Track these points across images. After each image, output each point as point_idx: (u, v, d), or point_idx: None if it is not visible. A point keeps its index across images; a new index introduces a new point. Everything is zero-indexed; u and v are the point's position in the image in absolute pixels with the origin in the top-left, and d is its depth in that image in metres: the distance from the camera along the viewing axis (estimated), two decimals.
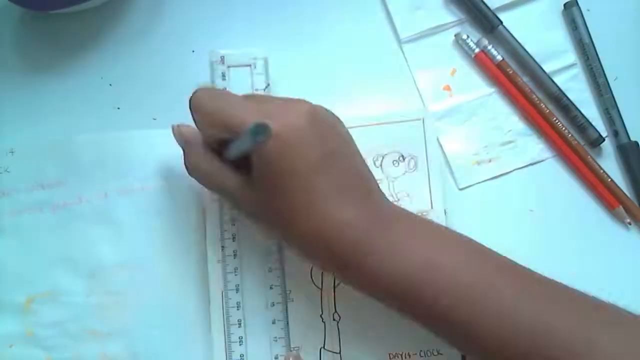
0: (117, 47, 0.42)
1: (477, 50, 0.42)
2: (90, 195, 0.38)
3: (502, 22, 0.42)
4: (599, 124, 0.41)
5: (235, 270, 0.37)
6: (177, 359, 0.37)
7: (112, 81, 0.42)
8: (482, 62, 0.42)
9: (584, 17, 0.42)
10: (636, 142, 0.41)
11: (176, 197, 0.38)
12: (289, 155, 0.30)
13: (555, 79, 0.42)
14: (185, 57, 0.42)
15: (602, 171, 0.40)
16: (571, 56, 0.42)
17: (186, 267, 0.38)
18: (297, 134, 0.30)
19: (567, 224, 0.40)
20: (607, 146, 0.41)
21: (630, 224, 0.40)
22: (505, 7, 0.42)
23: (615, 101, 0.41)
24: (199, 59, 0.42)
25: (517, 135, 0.41)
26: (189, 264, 0.38)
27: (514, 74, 0.41)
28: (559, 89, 0.41)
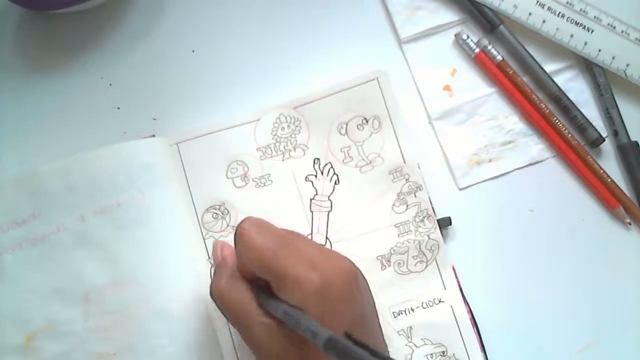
0: (117, 47, 0.42)
1: (477, 50, 0.42)
2: (67, 222, 0.38)
3: (502, 22, 0.42)
4: (599, 124, 0.41)
5: None
6: None
7: (112, 81, 0.42)
8: (482, 62, 0.42)
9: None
10: (636, 142, 0.41)
11: (153, 204, 0.38)
12: (327, 312, 0.28)
13: (555, 79, 0.42)
14: (185, 57, 0.42)
15: (602, 171, 0.40)
16: (571, 56, 0.42)
17: (179, 269, 0.38)
18: (338, 292, 0.29)
19: (567, 224, 0.40)
20: (607, 146, 0.41)
21: (630, 224, 0.40)
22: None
23: (615, 101, 0.41)
24: (199, 59, 0.42)
25: (517, 135, 0.41)
26: (181, 265, 0.38)
27: (514, 74, 0.41)
28: (559, 89, 0.41)
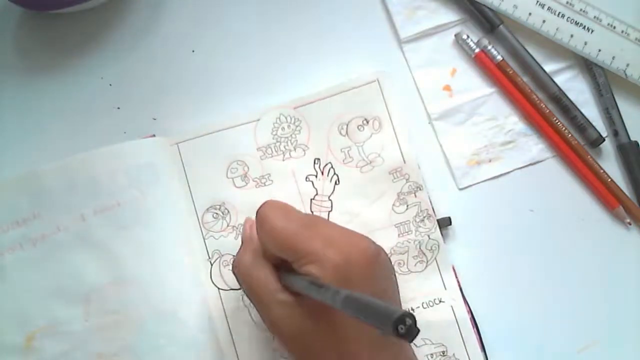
0: (117, 47, 0.42)
1: (477, 50, 0.41)
2: (67, 222, 0.38)
3: (502, 22, 0.42)
4: (599, 124, 0.41)
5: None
6: None
7: (112, 81, 0.42)
8: (482, 62, 0.42)
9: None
10: (636, 142, 0.41)
11: (153, 204, 0.38)
12: (348, 287, 0.28)
13: (555, 79, 0.41)
14: (185, 57, 0.42)
15: (602, 171, 0.40)
16: (571, 56, 0.42)
17: (179, 269, 0.38)
18: (358, 272, 0.29)
19: (567, 224, 0.40)
20: (607, 146, 0.41)
21: (630, 224, 0.40)
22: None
23: (615, 101, 0.41)
24: (199, 59, 0.42)
25: (517, 135, 0.41)
26: (181, 265, 0.38)
27: (514, 74, 0.41)
28: (559, 89, 0.41)
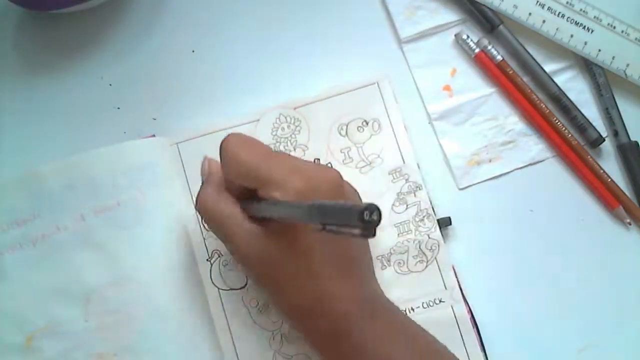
0: (117, 47, 0.42)
1: (477, 50, 0.41)
2: (67, 221, 0.38)
3: (502, 22, 0.42)
4: (599, 124, 0.41)
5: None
6: None
7: (112, 81, 0.42)
8: (482, 62, 0.42)
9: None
10: (636, 142, 0.41)
11: (153, 203, 0.38)
12: None
13: (555, 79, 0.41)
14: (185, 57, 0.42)
15: (602, 171, 0.40)
16: (571, 56, 0.42)
17: (178, 270, 0.38)
18: (322, 199, 0.29)
19: (567, 224, 0.40)
20: (607, 146, 0.41)
21: (630, 224, 0.40)
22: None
23: (615, 101, 0.41)
24: (199, 59, 0.42)
25: (517, 135, 0.41)
26: (180, 265, 0.38)
27: (514, 74, 0.41)
28: (559, 89, 0.41)
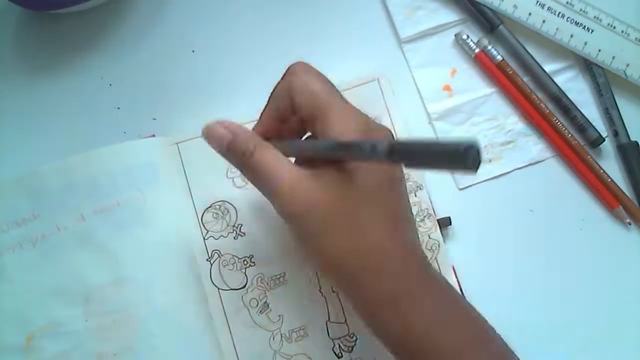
0: (117, 47, 0.42)
1: (477, 50, 0.41)
2: (66, 222, 0.38)
3: (502, 22, 0.42)
4: (599, 124, 0.41)
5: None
6: None
7: (112, 81, 0.42)
8: (482, 62, 0.42)
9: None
10: (636, 142, 0.41)
11: (153, 203, 0.38)
12: (364, 165, 0.29)
13: (555, 79, 0.41)
14: (185, 57, 0.42)
15: (602, 171, 0.40)
16: (571, 56, 0.42)
17: (178, 270, 0.38)
18: None
19: (567, 224, 0.40)
20: (607, 146, 0.41)
21: (630, 224, 0.40)
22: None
23: (615, 101, 0.41)
24: (199, 59, 0.42)
25: (517, 135, 0.41)
26: (180, 265, 0.38)
27: (514, 74, 0.41)
28: (559, 89, 0.41)
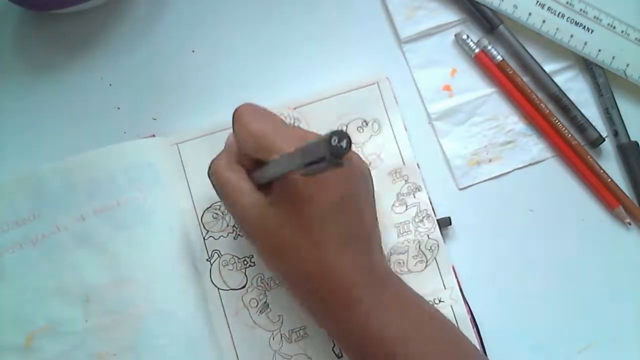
0: (117, 47, 0.42)
1: (477, 50, 0.41)
2: (66, 222, 0.38)
3: (502, 22, 0.42)
4: (599, 124, 0.41)
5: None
6: None
7: (112, 81, 0.42)
8: (482, 62, 0.42)
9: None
10: (636, 142, 0.41)
11: (153, 204, 0.38)
12: (313, 185, 0.30)
13: (555, 79, 0.41)
14: (185, 57, 0.42)
15: (602, 171, 0.40)
16: (571, 56, 0.42)
17: (178, 270, 0.38)
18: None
19: (567, 224, 0.40)
20: (607, 146, 0.41)
21: (630, 224, 0.40)
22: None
23: (615, 101, 0.41)
24: (199, 59, 0.42)
25: (517, 135, 0.41)
26: (180, 265, 0.38)
27: (514, 74, 0.41)
28: (559, 89, 0.41)
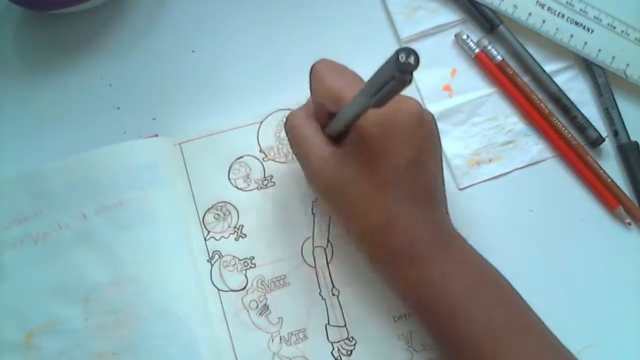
0: (117, 47, 0.42)
1: (477, 50, 0.41)
2: (68, 220, 0.38)
3: (502, 22, 0.42)
4: (599, 124, 0.41)
5: None
6: None
7: (112, 81, 0.42)
8: (482, 62, 0.42)
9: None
10: (636, 142, 0.41)
11: (154, 203, 0.38)
12: (389, 141, 0.31)
13: (555, 79, 0.42)
14: (185, 57, 0.42)
15: (602, 171, 0.40)
16: (571, 56, 0.42)
17: (180, 269, 0.38)
18: (403, 126, 0.31)
19: (567, 224, 0.40)
20: (607, 146, 0.41)
21: (630, 224, 0.40)
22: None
23: (615, 101, 0.41)
24: (199, 59, 0.42)
25: (517, 135, 0.41)
26: (180, 265, 0.38)
27: (514, 74, 0.41)
28: (559, 89, 0.41)
